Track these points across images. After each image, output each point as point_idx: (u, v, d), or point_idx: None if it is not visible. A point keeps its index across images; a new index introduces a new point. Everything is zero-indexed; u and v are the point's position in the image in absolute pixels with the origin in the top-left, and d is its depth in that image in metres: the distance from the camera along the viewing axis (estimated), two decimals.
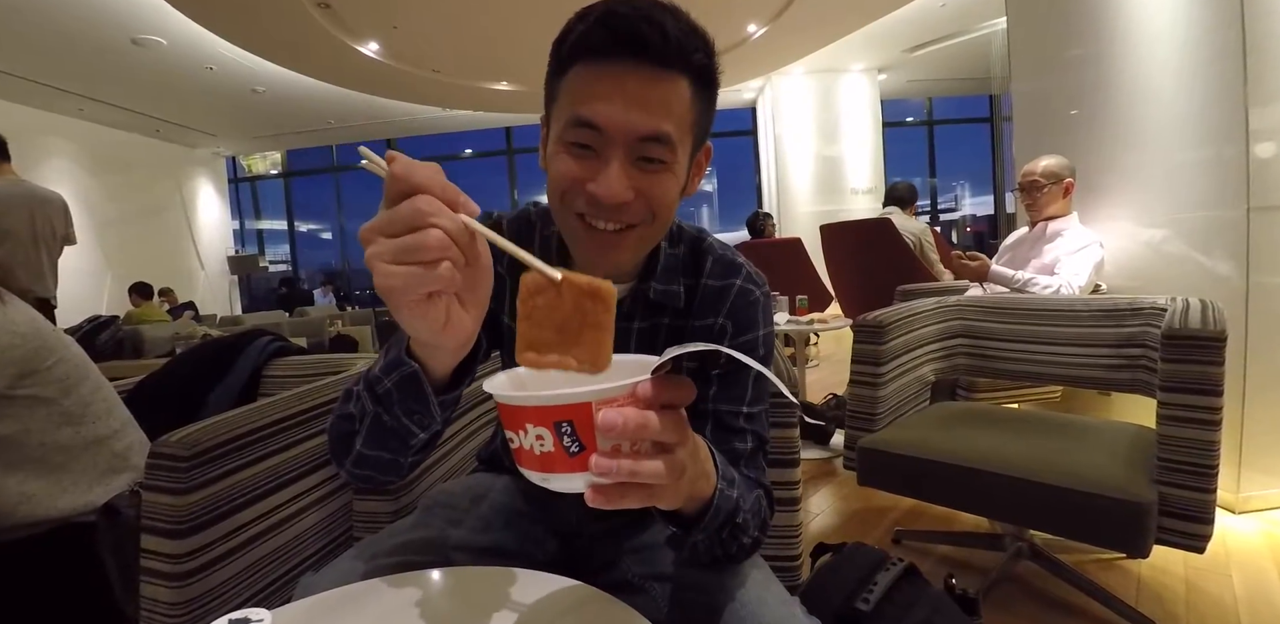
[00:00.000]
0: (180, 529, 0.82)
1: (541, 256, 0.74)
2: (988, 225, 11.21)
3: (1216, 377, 1.21)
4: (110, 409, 1.10)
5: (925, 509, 2.03)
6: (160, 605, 0.82)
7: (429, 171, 0.42)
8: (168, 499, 0.82)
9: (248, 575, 0.88)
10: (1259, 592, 1.51)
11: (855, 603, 0.75)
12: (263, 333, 1.59)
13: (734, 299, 0.75)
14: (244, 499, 0.90)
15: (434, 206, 0.41)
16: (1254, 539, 1.75)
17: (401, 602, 0.57)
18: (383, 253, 0.41)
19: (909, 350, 1.74)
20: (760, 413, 0.76)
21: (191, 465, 0.83)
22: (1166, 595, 1.50)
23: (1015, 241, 2.47)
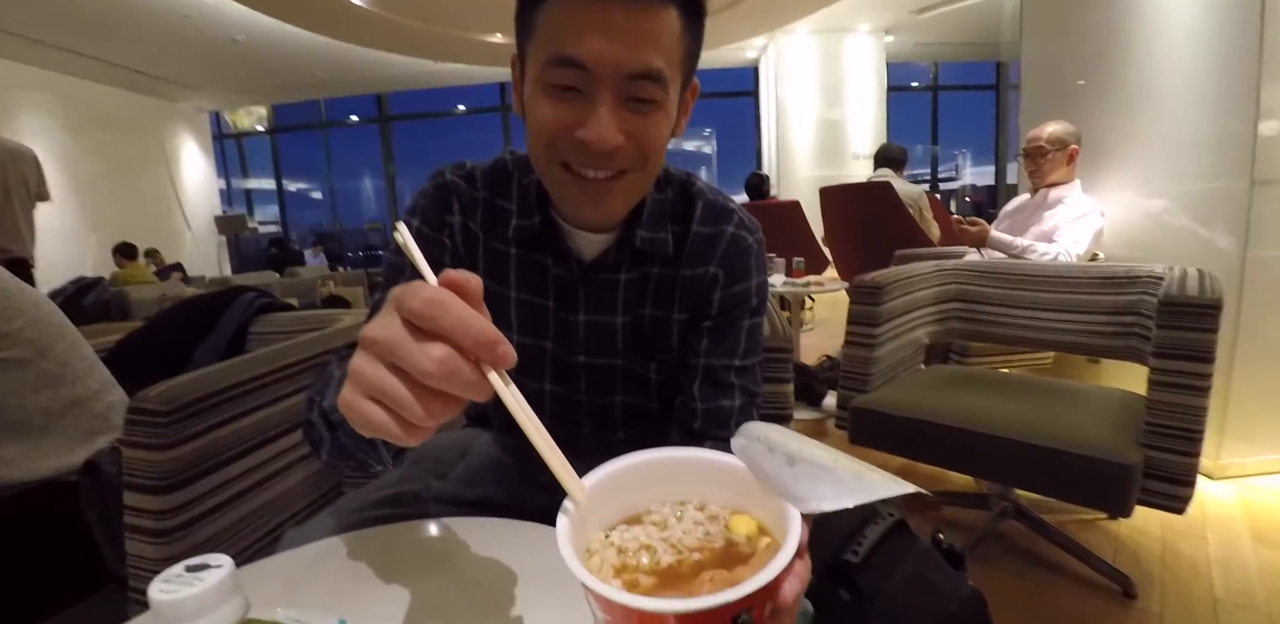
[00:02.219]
0: (163, 485, 0.81)
1: (520, 208, 0.72)
2: (987, 196, 11.11)
3: (1209, 343, 1.21)
4: (89, 369, 1.07)
5: (914, 468, 2.05)
6: (146, 562, 0.81)
7: (461, 315, 0.32)
8: (148, 455, 0.81)
9: (234, 531, 0.87)
10: (1232, 554, 1.54)
11: (845, 555, 0.75)
12: (247, 289, 1.56)
13: (726, 247, 0.71)
14: (228, 455, 0.89)
15: (452, 366, 0.32)
16: (1230, 504, 1.79)
17: (383, 553, 0.56)
18: (373, 388, 0.33)
19: (905, 312, 1.74)
20: (753, 366, 0.74)
21: (171, 420, 0.82)
22: (1143, 555, 1.54)
23: (1015, 208, 2.45)
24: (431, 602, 0.48)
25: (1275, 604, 1.33)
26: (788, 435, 0.39)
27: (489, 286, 0.74)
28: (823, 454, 0.36)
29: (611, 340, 0.73)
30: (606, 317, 0.72)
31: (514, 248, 0.71)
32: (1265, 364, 1.90)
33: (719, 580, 0.32)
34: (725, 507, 0.40)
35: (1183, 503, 1.19)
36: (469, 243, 0.72)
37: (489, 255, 0.72)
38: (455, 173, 0.72)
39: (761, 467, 0.37)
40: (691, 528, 0.38)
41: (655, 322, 0.73)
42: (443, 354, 0.32)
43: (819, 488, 0.34)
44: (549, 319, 0.73)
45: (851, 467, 0.35)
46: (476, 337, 0.32)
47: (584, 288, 0.71)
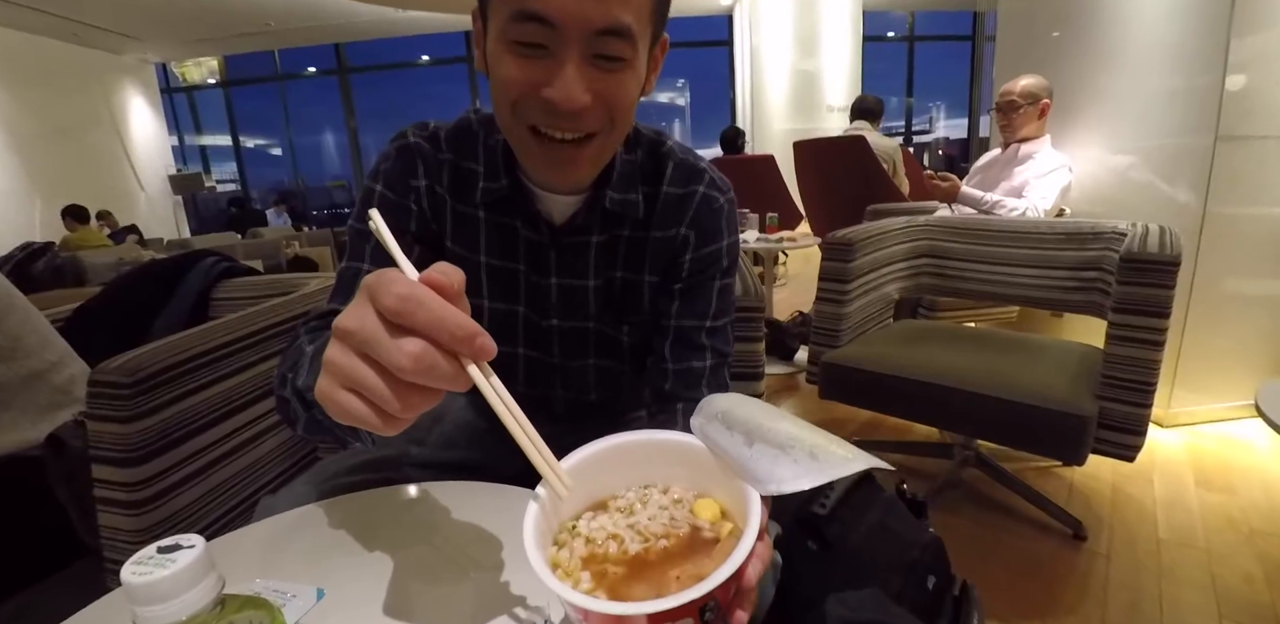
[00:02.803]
0: (131, 457, 0.80)
1: (487, 170, 0.70)
2: (960, 149, 11.08)
3: (1166, 300, 1.24)
4: (44, 341, 1.03)
5: (881, 421, 2.12)
6: (121, 533, 0.81)
7: (436, 311, 0.31)
8: (114, 428, 0.80)
9: (209, 500, 0.87)
10: (1176, 496, 1.64)
11: (813, 507, 0.78)
12: (208, 253, 1.51)
13: (696, 207, 0.70)
14: (197, 425, 0.88)
15: (429, 361, 0.31)
16: (1176, 450, 1.89)
17: (361, 519, 0.57)
18: (350, 380, 0.33)
19: (876, 268, 1.75)
20: (724, 326, 0.74)
21: (135, 392, 0.80)
22: (1094, 499, 1.62)
23: (986, 163, 2.46)
24: (412, 567, 0.49)
25: (1214, 543, 1.43)
26: (749, 408, 0.39)
27: (457, 251, 0.73)
28: (782, 429, 0.36)
29: (583, 304, 0.73)
30: (578, 280, 0.72)
31: (482, 211, 0.69)
32: (1218, 317, 1.97)
33: (686, 577, 0.33)
34: (690, 489, 0.41)
35: (1133, 451, 1.25)
36: (436, 207, 0.70)
37: (457, 219, 0.70)
38: (418, 134, 0.69)
39: (721, 447, 0.38)
40: (657, 513, 0.38)
41: (626, 284, 0.73)
42: (417, 350, 0.31)
43: (777, 469, 0.34)
44: (520, 283, 0.72)
45: (810, 443, 0.35)
46: (453, 331, 0.31)
47: (555, 251, 0.70)
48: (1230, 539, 1.43)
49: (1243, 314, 1.99)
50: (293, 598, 0.38)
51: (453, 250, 0.71)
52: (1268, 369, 2.03)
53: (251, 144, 11.86)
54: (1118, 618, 1.20)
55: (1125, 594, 1.26)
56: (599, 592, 0.34)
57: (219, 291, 1.41)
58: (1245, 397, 2.05)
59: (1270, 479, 1.69)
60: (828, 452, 0.34)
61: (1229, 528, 1.48)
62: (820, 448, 0.34)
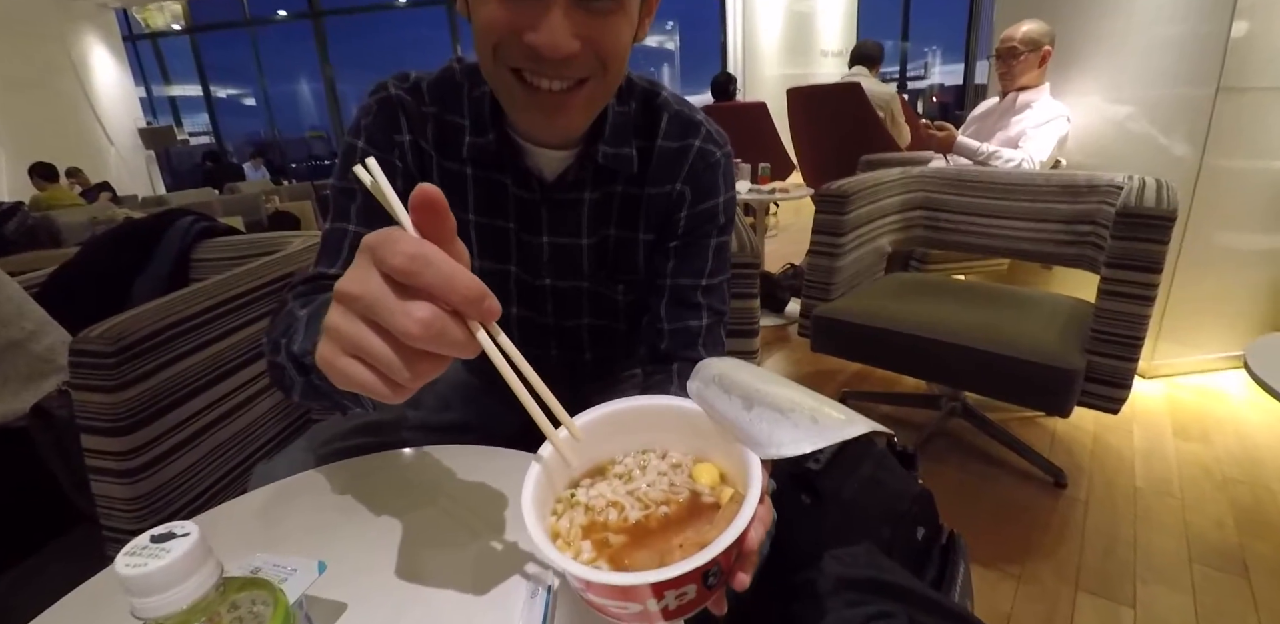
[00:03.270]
0: (120, 427, 0.79)
1: (473, 124, 0.66)
2: (954, 96, 10.82)
3: (1159, 255, 1.24)
4: (20, 310, 1.01)
5: (870, 373, 2.15)
6: (116, 502, 0.81)
7: (445, 270, 0.30)
8: (99, 397, 0.78)
9: (203, 467, 0.87)
10: (1155, 445, 1.68)
11: (807, 463, 0.79)
12: (185, 212, 1.46)
13: (692, 162, 0.68)
14: (186, 391, 0.87)
15: (439, 326, 0.30)
16: (1157, 400, 1.93)
17: (360, 485, 0.56)
18: (355, 346, 0.31)
19: (870, 221, 1.74)
20: (720, 284, 0.73)
21: (119, 361, 0.79)
22: (1075, 448, 1.67)
23: (983, 112, 2.40)
24: (412, 534, 0.49)
25: (1188, 491, 1.48)
26: (746, 373, 0.39)
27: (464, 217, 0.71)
28: (781, 393, 0.36)
29: (577, 262, 0.71)
30: (571, 238, 0.70)
31: (470, 168, 0.67)
32: (1205, 271, 1.98)
33: (689, 545, 0.33)
34: (688, 454, 0.40)
35: (1118, 404, 1.27)
36: (421, 164, 0.67)
37: (443, 176, 0.67)
38: (399, 86, 0.65)
39: (719, 411, 0.37)
40: (656, 479, 0.38)
41: (620, 242, 0.71)
42: (428, 315, 0.29)
43: (777, 432, 0.34)
44: (511, 242, 0.70)
45: (810, 407, 0.35)
46: (464, 293, 0.30)
47: (546, 209, 0.68)
48: (1204, 487, 1.48)
49: (1230, 268, 2.00)
50: (294, 572, 0.38)
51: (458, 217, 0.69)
52: (1251, 322, 2.06)
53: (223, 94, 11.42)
54: (1093, 562, 1.25)
55: (1101, 539, 1.31)
56: (600, 561, 0.34)
57: (199, 252, 1.38)
58: (1226, 349, 2.08)
59: (1245, 429, 1.74)
60: (827, 416, 0.34)
61: (1203, 476, 1.53)
62: (820, 412, 0.34)
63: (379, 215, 0.67)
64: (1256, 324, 2.06)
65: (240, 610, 0.31)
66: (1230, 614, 1.11)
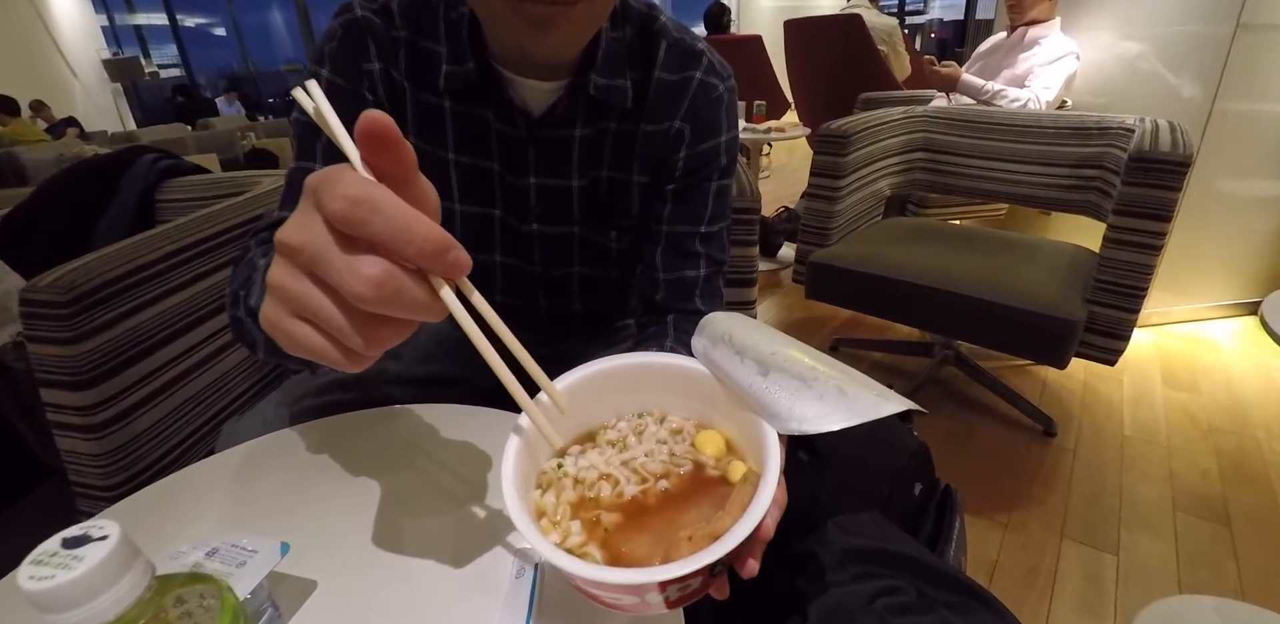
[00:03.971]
0: (81, 380, 0.75)
1: (450, 50, 0.58)
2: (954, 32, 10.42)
3: (1170, 202, 1.19)
4: None
5: (862, 319, 2.13)
6: (83, 458, 0.78)
7: (397, 217, 0.25)
8: (55, 350, 0.73)
9: (171, 422, 0.83)
10: (1143, 393, 1.69)
11: None
12: (147, 149, 1.37)
13: (693, 96, 0.61)
14: (149, 343, 0.82)
15: (393, 286, 0.25)
16: (1147, 349, 1.92)
17: (327, 449, 0.53)
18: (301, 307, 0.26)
19: (870, 163, 1.67)
20: (720, 232, 0.68)
21: (74, 311, 0.74)
22: (1065, 397, 1.67)
23: (990, 48, 2.29)
24: (385, 506, 0.46)
25: (1174, 439, 1.49)
26: (757, 333, 0.34)
27: (423, 148, 0.64)
28: (800, 359, 0.31)
29: (566, 206, 0.66)
30: (560, 180, 0.64)
31: (448, 100, 0.60)
32: (1207, 219, 1.93)
33: (699, 537, 0.29)
34: (689, 418, 0.36)
35: (1115, 355, 1.25)
36: (394, 96, 0.60)
37: (419, 110, 0.60)
38: (367, 7, 0.58)
39: (730, 375, 0.33)
40: (655, 448, 0.34)
41: (613, 185, 0.65)
42: (378, 272, 0.25)
43: (799, 405, 0.30)
44: (495, 184, 0.64)
45: (834, 377, 0.30)
46: (421, 244, 0.25)
47: (533, 147, 0.62)
48: (1191, 436, 1.50)
49: (1233, 216, 1.96)
50: (253, 554, 0.34)
51: (417, 146, 0.62)
52: (1247, 272, 2.04)
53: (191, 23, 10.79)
54: (1079, 509, 1.26)
55: (1088, 487, 1.32)
56: (591, 545, 0.30)
57: (164, 193, 1.30)
58: (1220, 298, 2.07)
59: (1233, 379, 1.75)
60: (857, 390, 0.29)
61: (1190, 425, 1.54)
62: (847, 384, 0.30)
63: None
64: (1253, 274, 2.04)
65: (189, 604, 0.28)
66: (1210, 562, 1.14)
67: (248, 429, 0.63)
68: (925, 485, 0.80)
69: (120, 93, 9.15)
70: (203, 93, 9.50)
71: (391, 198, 0.25)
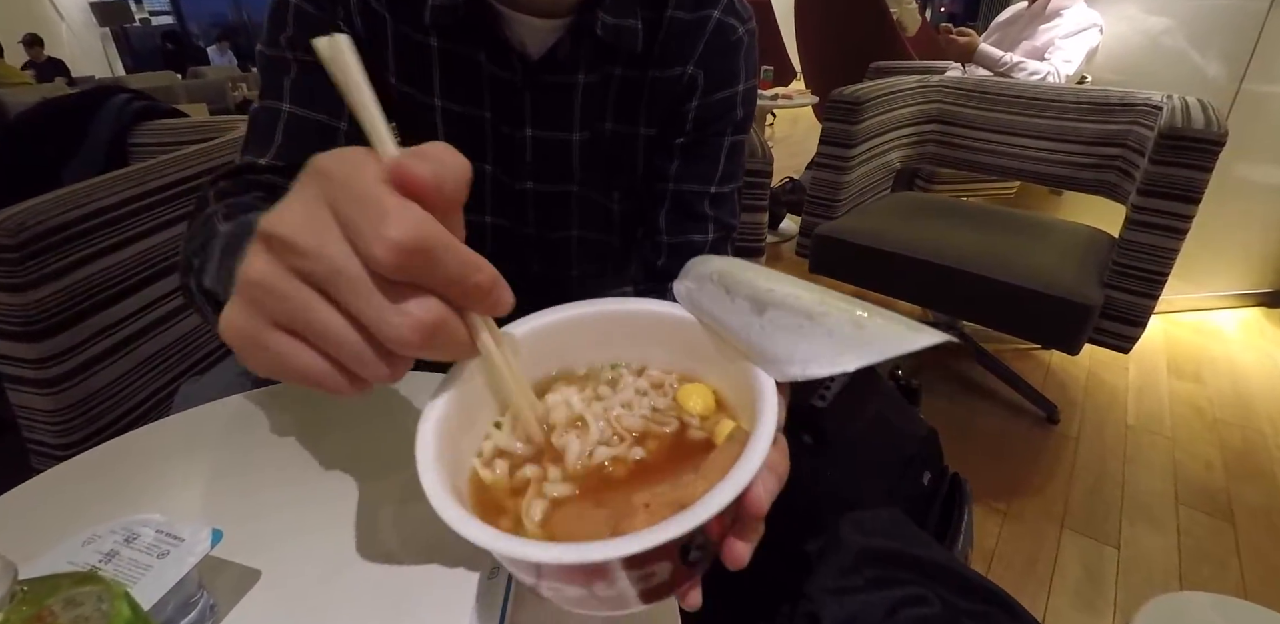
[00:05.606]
0: (32, 331, 0.69)
1: None
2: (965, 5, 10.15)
3: (1201, 183, 1.14)
4: None
5: (864, 295, 2.05)
6: (38, 413, 0.73)
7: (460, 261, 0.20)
8: (4, 297, 0.68)
9: (130, 380, 0.78)
10: (1148, 382, 1.65)
11: (812, 400, 0.72)
12: (120, 89, 1.29)
13: (709, 38, 0.55)
14: (107, 294, 0.76)
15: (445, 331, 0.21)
16: (1154, 337, 1.88)
17: (290, 417, 0.48)
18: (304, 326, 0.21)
19: (881, 133, 1.59)
20: (731, 193, 0.62)
21: (25, 256, 0.68)
22: (1069, 383, 1.63)
23: (1009, 18, 2.21)
24: (356, 478, 0.41)
25: (1179, 430, 1.46)
26: (750, 271, 0.27)
27: (405, 91, 0.57)
28: (804, 294, 0.25)
29: (565, 162, 0.59)
30: (559, 132, 0.57)
31: (434, 38, 0.53)
32: (1224, 206, 1.85)
33: (658, 504, 0.22)
34: (671, 371, 0.30)
35: (1130, 342, 1.21)
36: (373, 29, 0.53)
37: (401, 47, 0.53)
38: None
39: (718, 317, 0.26)
40: (634, 399, 0.28)
41: (618, 138, 0.59)
42: (433, 318, 0.20)
43: (804, 344, 0.23)
44: (486, 135, 0.57)
45: (846, 309, 0.23)
46: (473, 289, 0.21)
47: (530, 94, 0.55)
48: (1195, 427, 1.47)
49: (1251, 204, 1.90)
50: (178, 543, 0.29)
51: (399, 89, 0.55)
52: (1261, 261, 1.99)
53: None
54: (1079, 499, 1.24)
55: (1089, 477, 1.30)
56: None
57: (137, 137, 1.22)
58: (1230, 287, 2.03)
59: (1240, 370, 1.71)
60: (877, 322, 0.22)
61: (1195, 417, 1.50)
62: (864, 317, 0.23)
63: (321, 93, 0.53)
64: (1266, 265, 1.99)
65: (84, 607, 0.22)
66: (1212, 557, 1.11)
67: (206, 392, 0.58)
68: (934, 474, 0.76)
69: (109, 38, 8.85)
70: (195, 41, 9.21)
71: (447, 240, 0.20)
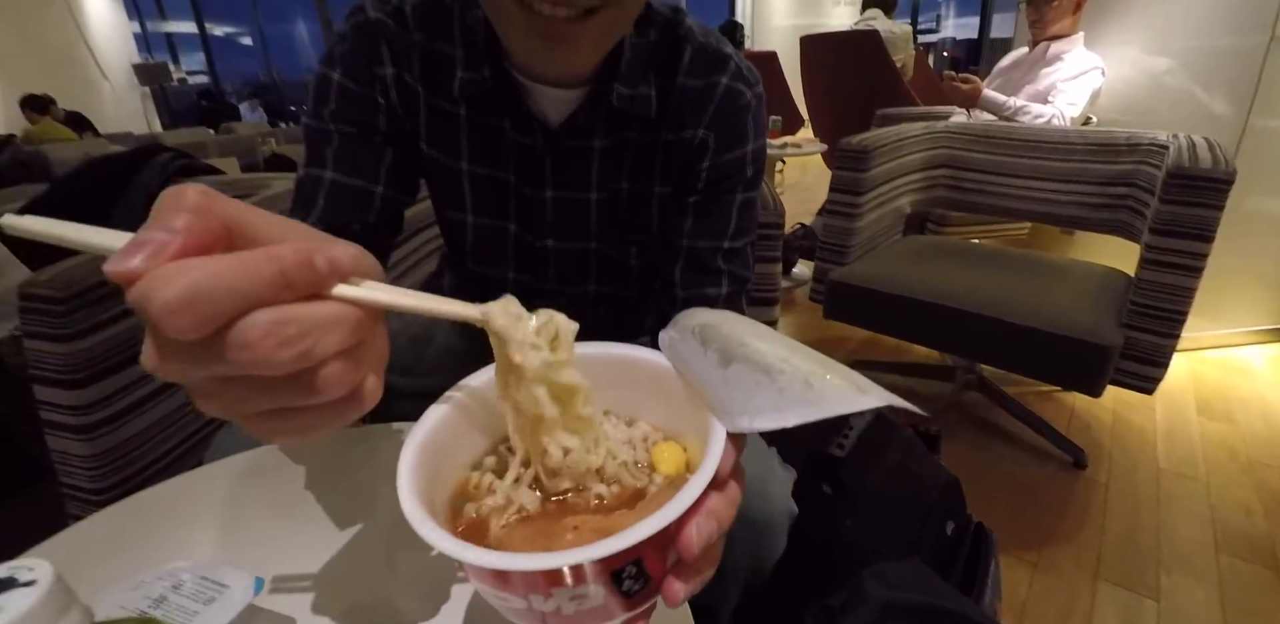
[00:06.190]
0: (76, 379, 0.72)
1: (466, 56, 0.54)
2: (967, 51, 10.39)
3: (1212, 221, 1.15)
4: None
5: (879, 340, 2.07)
6: (73, 459, 0.75)
7: (231, 277, 0.18)
8: (51, 347, 0.71)
9: (161, 428, 0.80)
10: (1178, 423, 1.61)
11: (830, 449, 0.72)
12: (163, 148, 1.36)
13: (718, 103, 0.58)
14: None
15: (288, 330, 0.19)
16: (1180, 376, 1.85)
17: (319, 470, 0.49)
18: (240, 410, 0.21)
19: (890, 179, 1.62)
20: (744, 248, 0.64)
21: (71, 308, 0.71)
22: (1095, 425, 1.60)
23: (1011, 64, 2.27)
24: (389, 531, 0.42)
25: (1214, 475, 1.41)
26: (739, 326, 0.29)
27: (435, 156, 0.61)
28: (771, 350, 0.26)
29: (584, 221, 0.63)
30: (578, 193, 0.61)
31: (463, 108, 0.57)
32: (1241, 241, 1.86)
33: (586, 529, 0.24)
34: (658, 428, 0.31)
35: (1153, 383, 1.20)
36: (408, 101, 0.57)
37: (433, 116, 0.58)
38: (380, 8, 0.56)
39: (691, 368, 0.28)
40: (619, 449, 0.29)
41: (634, 197, 0.62)
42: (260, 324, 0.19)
43: (756, 398, 0.24)
44: (510, 196, 0.61)
45: (805, 369, 0.25)
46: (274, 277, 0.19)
47: (550, 158, 0.59)
48: (1230, 470, 1.42)
49: (1268, 237, 1.89)
50: (224, 590, 0.31)
51: (429, 154, 0.60)
52: None
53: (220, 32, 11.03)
54: (1114, 548, 1.19)
55: (1122, 525, 1.26)
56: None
57: None
58: (1255, 322, 2.00)
59: (1271, 408, 1.67)
60: (827, 382, 0.24)
61: (1229, 458, 1.46)
62: (818, 376, 0.24)
63: (360, 161, 0.57)
64: None
65: None
66: (1259, 610, 1.06)
67: (239, 441, 0.60)
68: (957, 524, 0.75)
69: (148, 96, 9.33)
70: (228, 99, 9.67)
71: (200, 262, 0.18)
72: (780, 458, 0.63)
